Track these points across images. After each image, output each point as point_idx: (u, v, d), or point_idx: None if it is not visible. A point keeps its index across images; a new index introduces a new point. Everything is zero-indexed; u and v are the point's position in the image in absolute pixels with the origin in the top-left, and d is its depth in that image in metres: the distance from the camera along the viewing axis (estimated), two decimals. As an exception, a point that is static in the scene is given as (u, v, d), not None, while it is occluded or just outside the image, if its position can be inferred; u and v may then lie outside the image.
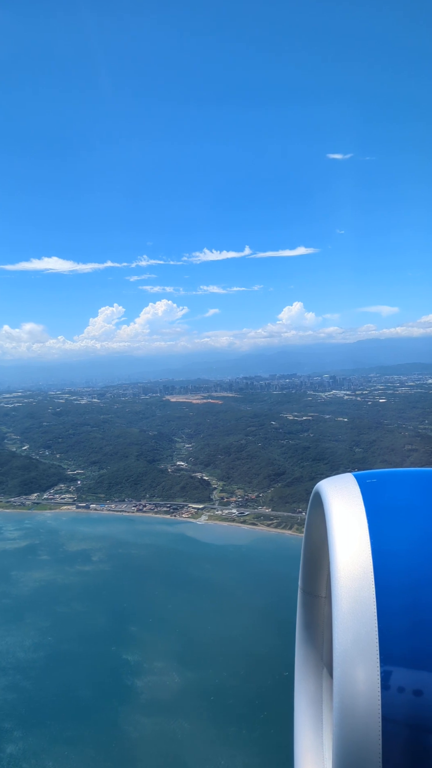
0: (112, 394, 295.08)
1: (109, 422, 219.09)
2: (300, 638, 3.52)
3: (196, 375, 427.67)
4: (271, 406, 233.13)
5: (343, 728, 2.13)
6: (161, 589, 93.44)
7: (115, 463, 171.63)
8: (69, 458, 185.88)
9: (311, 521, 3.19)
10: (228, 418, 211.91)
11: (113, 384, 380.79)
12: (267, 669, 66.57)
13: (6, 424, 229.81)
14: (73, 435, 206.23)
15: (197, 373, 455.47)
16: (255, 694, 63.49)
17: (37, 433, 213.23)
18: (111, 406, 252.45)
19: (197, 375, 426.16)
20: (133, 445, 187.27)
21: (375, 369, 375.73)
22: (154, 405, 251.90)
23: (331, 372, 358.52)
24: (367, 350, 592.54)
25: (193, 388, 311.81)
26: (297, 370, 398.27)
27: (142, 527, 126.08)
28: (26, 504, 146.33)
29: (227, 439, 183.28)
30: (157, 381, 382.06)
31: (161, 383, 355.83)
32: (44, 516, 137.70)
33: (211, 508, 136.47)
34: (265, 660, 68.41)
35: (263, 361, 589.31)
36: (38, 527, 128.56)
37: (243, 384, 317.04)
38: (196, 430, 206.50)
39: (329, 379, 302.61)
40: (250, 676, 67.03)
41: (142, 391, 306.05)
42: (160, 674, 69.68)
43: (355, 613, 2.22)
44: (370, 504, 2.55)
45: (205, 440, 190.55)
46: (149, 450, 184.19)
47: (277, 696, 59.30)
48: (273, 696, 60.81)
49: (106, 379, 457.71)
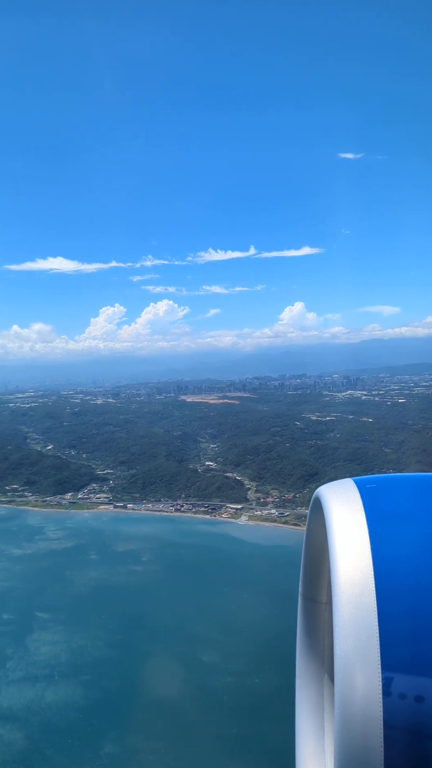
0: (126, 394, 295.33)
1: (131, 422, 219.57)
2: (301, 645, 3.58)
3: (200, 375, 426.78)
4: (289, 406, 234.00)
5: (344, 735, 2.11)
6: (219, 589, 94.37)
7: (144, 463, 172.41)
8: (96, 458, 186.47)
9: (311, 527, 3.24)
10: (249, 419, 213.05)
11: (122, 384, 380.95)
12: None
13: (25, 423, 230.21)
14: (97, 435, 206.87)
15: (202, 373, 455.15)
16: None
17: (59, 433, 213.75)
18: (128, 406, 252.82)
19: (202, 375, 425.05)
20: (160, 445, 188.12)
21: (383, 369, 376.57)
22: (171, 405, 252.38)
23: (337, 372, 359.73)
24: (372, 350, 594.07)
25: (206, 388, 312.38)
26: (302, 370, 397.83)
27: (184, 527, 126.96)
28: (62, 503, 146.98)
29: (253, 439, 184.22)
30: (167, 381, 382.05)
31: (171, 383, 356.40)
32: (83, 515, 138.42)
33: (250, 508, 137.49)
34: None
35: (267, 361, 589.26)
36: (80, 527, 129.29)
37: (256, 384, 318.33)
38: (219, 430, 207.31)
39: (342, 379, 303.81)
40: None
41: (155, 391, 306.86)
42: (239, 676, 70.32)
43: (356, 619, 2.21)
44: (370, 509, 2.54)
45: (230, 440, 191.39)
46: (176, 450, 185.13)
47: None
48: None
49: (113, 378, 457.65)
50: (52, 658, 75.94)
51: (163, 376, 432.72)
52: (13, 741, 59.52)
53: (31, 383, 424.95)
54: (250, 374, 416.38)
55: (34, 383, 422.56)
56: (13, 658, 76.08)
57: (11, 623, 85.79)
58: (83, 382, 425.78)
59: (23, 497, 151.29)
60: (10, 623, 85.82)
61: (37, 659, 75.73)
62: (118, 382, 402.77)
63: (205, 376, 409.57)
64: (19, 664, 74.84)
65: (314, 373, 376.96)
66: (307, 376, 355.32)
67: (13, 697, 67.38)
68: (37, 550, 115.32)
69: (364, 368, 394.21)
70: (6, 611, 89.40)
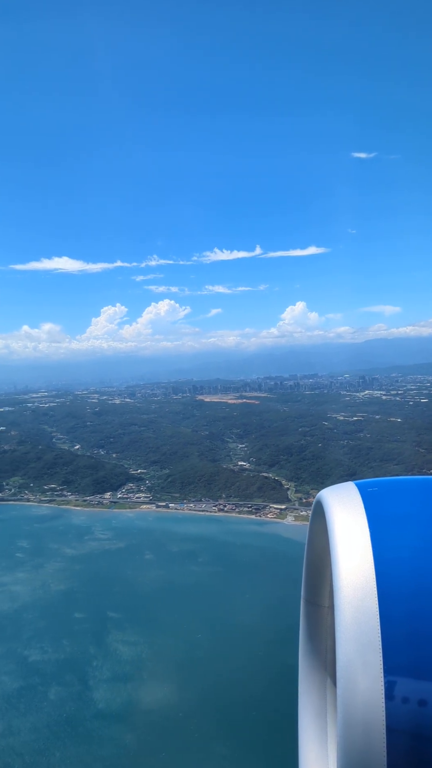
0: (142, 394, 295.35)
1: (155, 422, 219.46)
2: (303, 648, 3.62)
3: (207, 375, 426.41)
4: (310, 406, 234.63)
5: (347, 739, 2.11)
6: (285, 590, 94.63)
7: (177, 463, 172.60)
8: (126, 458, 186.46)
9: (313, 530, 3.29)
10: (272, 419, 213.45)
11: (131, 383, 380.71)
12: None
13: (48, 423, 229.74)
14: (124, 435, 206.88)
15: (208, 373, 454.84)
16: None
17: (85, 433, 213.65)
18: (148, 406, 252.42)
19: (209, 375, 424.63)
20: (190, 445, 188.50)
21: (392, 369, 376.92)
22: (190, 405, 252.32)
23: (345, 371, 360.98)
24: (377, 350, 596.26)
25: (221, 388, 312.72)
26: (309, 370, 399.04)
27: (232, 527, 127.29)
28: (104, 503, 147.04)
29: (283, 439, 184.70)
30: (177, 381, 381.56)
31: (183, 383, 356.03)
32: (127, 515, 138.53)
33: (293, 508, 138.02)
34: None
35: (273, 361, 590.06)
36: (127, 526, 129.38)
37: (271, 384, 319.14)
38: (245, 430, 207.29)
39: (358, 379, 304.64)
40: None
41: (171, 390, 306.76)
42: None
43: (358, 622, 2.21)
44: (372, 513, 2.56)
45: (259, 441, 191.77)
46: (207, 450, 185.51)
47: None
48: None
49: (120, 378, 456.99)
50: (137, 658, 76.06)
51: (170, 376, 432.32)
52: (126, 742, 59.67)
53: (39, 383, 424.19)
54: (257, 374, 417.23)
55: (42, 383, 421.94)
56: (98, 658, 76.24)
57: (86, 622, 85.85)
58: (90, 381, 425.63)
59: (63, 497, 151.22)
60: (85, 622, 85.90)
61: (122, 659, 75.88)
62: (125, 382, 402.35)
63: (212, 376, 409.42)
64: (105, 663, 75.00)
65: (322, 372, 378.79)
66: (318, 375, 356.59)
67: (110, 697, 67.53)
68: (91, 550, 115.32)
69: (372, 368, 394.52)
70: (78, 610, 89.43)
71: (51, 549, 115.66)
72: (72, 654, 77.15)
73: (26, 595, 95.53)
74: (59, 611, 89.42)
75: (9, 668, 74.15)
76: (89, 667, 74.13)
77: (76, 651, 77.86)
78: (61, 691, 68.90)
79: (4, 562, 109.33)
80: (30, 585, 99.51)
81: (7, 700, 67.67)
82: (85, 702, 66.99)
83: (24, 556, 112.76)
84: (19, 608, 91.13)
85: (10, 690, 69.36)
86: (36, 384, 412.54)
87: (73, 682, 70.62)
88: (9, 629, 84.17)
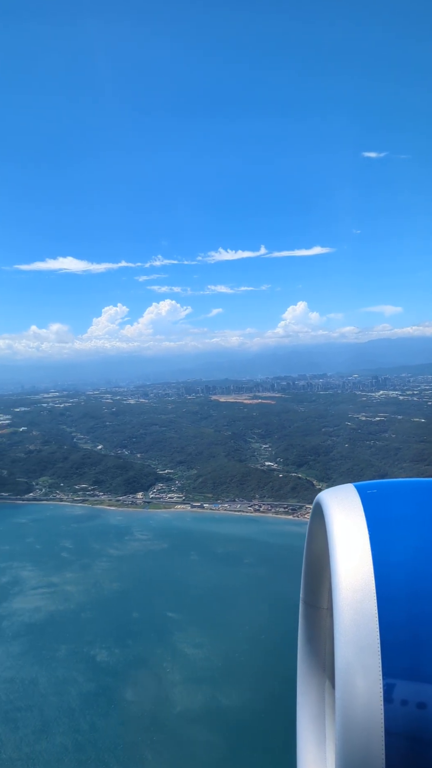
0: (155, 394, 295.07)
1: (174, 422, 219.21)
2: (302, 650, 3.66)
3: (212, 375, 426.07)
4: (326, 406, 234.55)
5: (345, 742, 2.11)
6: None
7: (204, 463, 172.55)
8: (151, 458, 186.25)
9: (312, 532, 3.33)
10: (292, 419, 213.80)
11: (138, 383, 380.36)
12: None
13: (66, 424, 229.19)
14: (146, 435, 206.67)
15: (213, 373, 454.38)
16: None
17: (106, 433, 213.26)
18: (164, 406, 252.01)
19: (213, 375, 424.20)
20: (215, 445, 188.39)
21: (399, 369, 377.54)
22: (206, 405, 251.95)
23: (353, 371, 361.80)
24: (381, 350, 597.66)
25: (234, 388, 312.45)
26: (314, 370, 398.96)
27: (270, 527, 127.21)
28: (137, 503, 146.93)
29: (308, 439, 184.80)
30: (186, 381, 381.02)
31: (191, 383, 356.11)
32: (163, 515, 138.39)
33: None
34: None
35: (277, 361, 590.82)
36: (166, 526, 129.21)
37: (283, 384, 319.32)
38: (266, 430, 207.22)
39: (371, 379, 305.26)
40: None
41: (184, 390, 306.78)
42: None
43: (357, 624, 2.22)
44: (371, 515, 2.57)
45: (283, 441, 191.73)
46: (232, 450, 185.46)
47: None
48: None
49: (126, 378, 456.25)
50: (206, 659, 75.64)
51: (175, 377, 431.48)
52: (213, 744, 59.56)
53: (45, 383, 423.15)
54: (261, 374, 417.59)
55: (48, 383, 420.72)
56: (167, 659, 75.92)
57: (146, 622, 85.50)
58: (96, 381, 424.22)
59: (95, 496, 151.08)
60: (145, 622, 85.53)
61: (191, 660, 75.49)
62: (132, 382, 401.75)
63: (216, 376, 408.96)
64: (175, 665, 74.66)
65: (328, 372, 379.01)
66: (327, 375, 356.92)
67: (187, 699, 67.24)
68: (135, 550, 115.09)
69: (378, 368, 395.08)
70: (135, 611, 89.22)
71: (94, 549, 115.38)
72: (140, 654, 76.87)
73: (80, 596, 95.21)
74: (117, 611, 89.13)
75: (79, 668, 73.87)
76: (160, 668, 73.79)
77: (143, 651, 77.56)
78: (137, 691, 68.57)
79: (51, 562, 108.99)
80: (81, 585, 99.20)
81: (86, 700, 67.40)
82: (164, 703, 66.69)
83: (69, 556, 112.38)
84: (75, 608, 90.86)
85: (87, 690, 69.08)
86: (42, 384, 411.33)
87: (147, 683, 70.21)
88: (70, 629, 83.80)
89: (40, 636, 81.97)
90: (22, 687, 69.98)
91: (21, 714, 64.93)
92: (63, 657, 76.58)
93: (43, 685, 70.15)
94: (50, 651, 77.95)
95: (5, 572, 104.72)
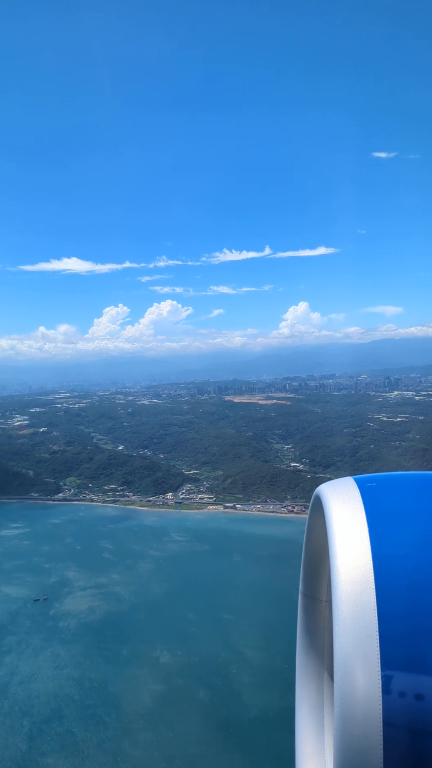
0: (167, 395, 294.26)
1: (193, 423, 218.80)
2: (301, 642, 3.66)
3: (217, 375, 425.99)
4: (343, 407, 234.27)
5: (344, 733, 2.13)
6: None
7: (229, 464, 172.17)
8: (174, 458, 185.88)
9: (312, 525, 3.32)
10: (310, 419, 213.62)
11: (145, 384, 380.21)
12: None
13: (84, 424, 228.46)
14: (166, 435, 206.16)
15: (217, 373, 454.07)
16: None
17: (125, 434, 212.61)
18: (179, 407, 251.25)
19: (218, 375, 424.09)
20: (238, 446, 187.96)
21: (407, 369, 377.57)
22: (221, 405, 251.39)
23: (358, 372, 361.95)
24: (384, 350, 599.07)
25: (246, 389, 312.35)
26: (318, 370, 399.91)
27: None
28: (168, 503, 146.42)
29: (331, 440, 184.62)
30: (194, 381, 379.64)
31: (200, 383, 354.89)
32: (196, 516, 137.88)
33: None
34: None
35: (281, 361, 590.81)
36: (201, 527, 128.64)
37: (296, 385, 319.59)
38: (287, 431, 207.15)
39: (383, 379, 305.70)
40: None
41: (197, 391, 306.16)
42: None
43: (356, 617, 2.24)
44: (370, 508, 2.58)
45: (306, 442, 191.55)
46: (256, 451, 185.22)
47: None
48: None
49: (131, 378, 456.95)
50: (271, 664, 74.27)
51: (180, 377, 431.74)
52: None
53: (51, 383, 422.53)
54: (267, 374, 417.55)
55: (55, 383, 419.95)
56: (232, 662, 75.27)
57: (202, 624, 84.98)
58: (102, 382, 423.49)
59: (125, 497, 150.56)
60: (201, 624, 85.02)
61: (257, 665, 74.52)
62: (137, 383, 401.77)
63: (221, 376, 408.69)
64: (242, 668, 73.98)
65: (336, 372, 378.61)
66: (336, 376, 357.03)
67: (261, 702, 66.54)
68: (177, 551, 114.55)
69: (385, 368, 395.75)
70: (189, 612, 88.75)
71: (135, 550, 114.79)
72: (204, 656, 76.25)
73: (130, 597, 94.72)
74: (171, 613, 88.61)
75: (146, 670, 73.26)
76: (227, 671, 73.26)
77: (206, 653, 76.95)
78: (209, 694, 68.11)
79: (95, 563, 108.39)
80: (129, 586, 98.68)
81: (157, 701, 66.87)
82: (237, 707, 66.09)
83: (111, 557, 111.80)
84: (128, 609, 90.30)
85: (159, 692, 68.49)
86: (48, 385, 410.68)
87: (217, 686, 69.79)
88: (127, 630, 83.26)
89: (100, 637, 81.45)
90: (93, 687, 69.47)
91: (99, 711, 64.68)
92: (127, 657, 76.08)
93: (113, 685, 69.63)
94: (112, 651, 77.48)
95: (51, 573, 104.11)
